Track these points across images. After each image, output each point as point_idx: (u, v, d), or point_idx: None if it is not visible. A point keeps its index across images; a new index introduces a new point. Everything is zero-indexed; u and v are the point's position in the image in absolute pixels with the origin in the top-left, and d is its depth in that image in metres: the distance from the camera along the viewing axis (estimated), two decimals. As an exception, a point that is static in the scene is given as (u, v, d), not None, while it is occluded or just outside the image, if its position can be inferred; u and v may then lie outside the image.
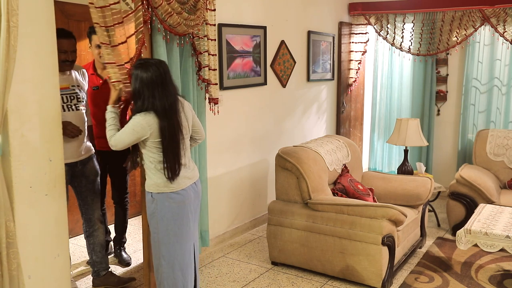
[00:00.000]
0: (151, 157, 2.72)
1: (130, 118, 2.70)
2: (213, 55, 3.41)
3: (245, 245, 4.44)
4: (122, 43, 2.77)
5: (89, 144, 3.50)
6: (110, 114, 2.81)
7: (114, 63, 2.76)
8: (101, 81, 3.66)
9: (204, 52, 3.34)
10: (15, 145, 2.49)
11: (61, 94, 3.16)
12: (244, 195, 4.75)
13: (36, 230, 2.63)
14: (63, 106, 3.27)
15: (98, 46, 3.52)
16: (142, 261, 4.00)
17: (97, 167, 3.54)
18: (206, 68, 3.40)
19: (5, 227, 2.40)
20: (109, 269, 3.58)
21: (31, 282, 2.62)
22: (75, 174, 3.39)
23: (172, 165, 2.68)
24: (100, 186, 3.60)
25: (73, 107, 3.34)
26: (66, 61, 3.26)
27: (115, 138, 2.71)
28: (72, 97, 3.34)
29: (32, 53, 2.54)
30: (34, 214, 2.61)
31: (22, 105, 2.51)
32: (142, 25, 2.81)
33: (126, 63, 2.83)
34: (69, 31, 3.35)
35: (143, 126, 2.62)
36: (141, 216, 5.16)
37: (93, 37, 3.52)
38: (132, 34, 2.80)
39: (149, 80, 2.61)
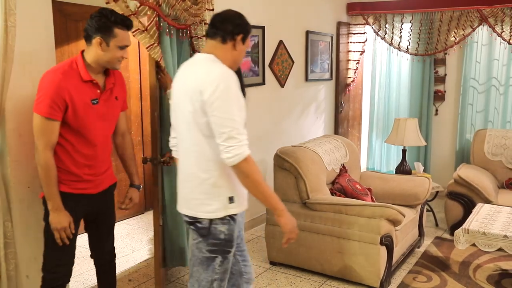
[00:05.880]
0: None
1: None
2: (211, 55, 3.41)
3: (244, 245, 4.44)
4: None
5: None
6: None
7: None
8: (98, 91, 2.42)
9: (202, 52, 3.34)
10: (13, 145, 2.48)
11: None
12: (242, 195, 4.74)
13: (34, 230, 2.62)
14: None
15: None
16: (140, 261, 4.00)
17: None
18: (205, 68, 3.40)
19: (3, 227, 2.40)
20: None
21: (29, 282, 2.62)
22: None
23: None
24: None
25: None
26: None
27: None
28: None
29: (30, 52, 2.53)
30: (32, 214, 2.61)
31: (20, 105, 2.50)
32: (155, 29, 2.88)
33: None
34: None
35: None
36: (139, 216, 5.17)
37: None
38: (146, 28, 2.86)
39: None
